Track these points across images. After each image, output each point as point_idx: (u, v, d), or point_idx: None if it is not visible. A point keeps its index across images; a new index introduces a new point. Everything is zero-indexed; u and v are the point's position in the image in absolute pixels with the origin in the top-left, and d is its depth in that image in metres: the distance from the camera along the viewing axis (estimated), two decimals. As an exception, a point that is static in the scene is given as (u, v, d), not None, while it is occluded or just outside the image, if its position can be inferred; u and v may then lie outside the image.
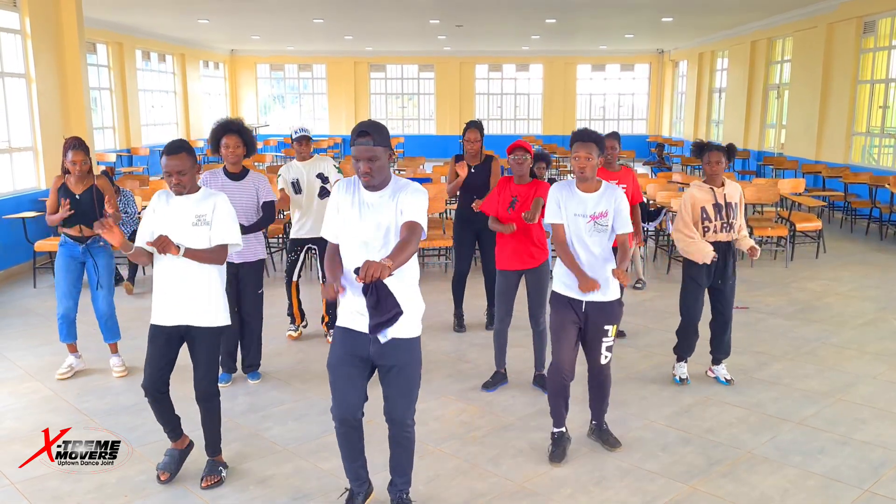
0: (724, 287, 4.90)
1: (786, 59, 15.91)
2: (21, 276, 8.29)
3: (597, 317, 3.85)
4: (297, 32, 18.78)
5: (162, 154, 3.48)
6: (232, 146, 4.72)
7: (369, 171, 2.92)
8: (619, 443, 4.11)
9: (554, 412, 4.00)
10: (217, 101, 23.37)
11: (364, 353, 3.09)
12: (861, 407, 4.72)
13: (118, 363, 5.19)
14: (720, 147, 4.74)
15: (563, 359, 3.86)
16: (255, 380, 5.09)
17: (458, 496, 3.62)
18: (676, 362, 5.12)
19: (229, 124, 4.75)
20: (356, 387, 3.12)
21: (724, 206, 4.76)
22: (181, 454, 3.79)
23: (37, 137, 9.37)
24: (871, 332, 6.29)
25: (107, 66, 16.31)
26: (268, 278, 8.25)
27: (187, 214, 3.51)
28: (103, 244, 5.09)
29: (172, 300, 3.54)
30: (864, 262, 9.07)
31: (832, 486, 3.72)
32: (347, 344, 3.11)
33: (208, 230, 3.53)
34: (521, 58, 24.53)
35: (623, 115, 25.45)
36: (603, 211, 3.77)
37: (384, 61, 24.65)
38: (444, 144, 23.27)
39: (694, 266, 4.83)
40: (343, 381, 3.12)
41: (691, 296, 4.92)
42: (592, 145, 3.71)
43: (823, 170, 12.38)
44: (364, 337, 3.04)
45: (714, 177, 4.77)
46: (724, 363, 5.13)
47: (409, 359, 3.13)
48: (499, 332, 4.97)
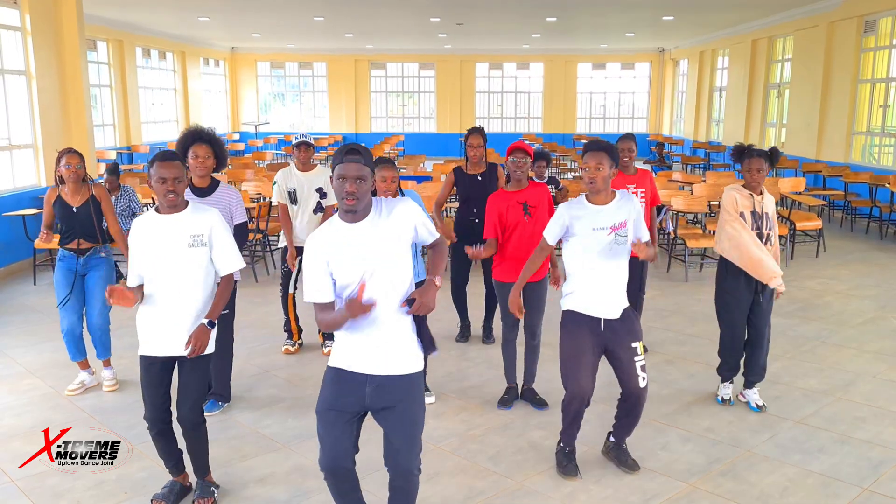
0: (761, 299, 4.53)
1: (786, 57, 15.90)
2: (21, 273, 8.30)
3: (620, 335, 3.59)
4: (297, 30, 18.76)
5: (152, 163, 3.22)
6: (202, 156, 4.22)
7: (354, 191, 2.64)
8: (637, 465, 3.86)
9: (568, 436, 3.81)
10: (217, 99, 23.36)
11: (359, 397, 2.79)
12: (860, 406, 4.72)
13: (110, 376, 5.03)
14: (762, 153, 4.35)
15: (585, 386, 3.59)
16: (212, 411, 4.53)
17: (457, 494, 3.62)
18: (721, 383, 4.77)
19: (200, 132, 4.26)
20: (347, 434, 2.82)
21: (761, 216, 4.43)
22: (181, 490, 3.57)
23: (37, 135, 9.37)
24: (871, 331, 6.29)
25: (107, 63, 16.30)
26: (267, 277, 8.25)
27: (181, 235, 3.25)
28: (104, 255, 4.94)
29: (165, 329, 3.30)
30: (864, 260, 9.07)
31: (832, 485, 3.73)
32: (341, 387, 2.81)
33: (207, 252, 3.31)
34: (521, 56, 24.51)
35: (623, 113, 25.42)
36: (622, 221, 3.53)
37: (385, 59, 24.63)
38: (445, 143, 23.27)
39: (729, 279, 4.49)
40: (332, 427, 2.80)
41: (727, 308, 4.56)
42: (603, 154, 3.47)
43: (824, 169, 12.37)
44: (359, 378, 2.79)
45: (755, 185, 4.41)
46: (756, 387, 4.72)
47: (411, 398, 2.82)
48: (506, 345, 4.72)
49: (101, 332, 4.96)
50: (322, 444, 2.84)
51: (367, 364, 2.79)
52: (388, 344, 2.78)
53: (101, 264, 4.92)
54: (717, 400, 4.77)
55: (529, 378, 4.76)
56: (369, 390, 2.79)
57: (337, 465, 2.83)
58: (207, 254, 3.32)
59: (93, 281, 4.87)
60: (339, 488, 2.90)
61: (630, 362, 3.60)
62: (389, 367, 2.78)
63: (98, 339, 4.97)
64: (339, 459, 2.82)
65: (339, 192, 2.69)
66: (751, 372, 4.68)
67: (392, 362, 2.78)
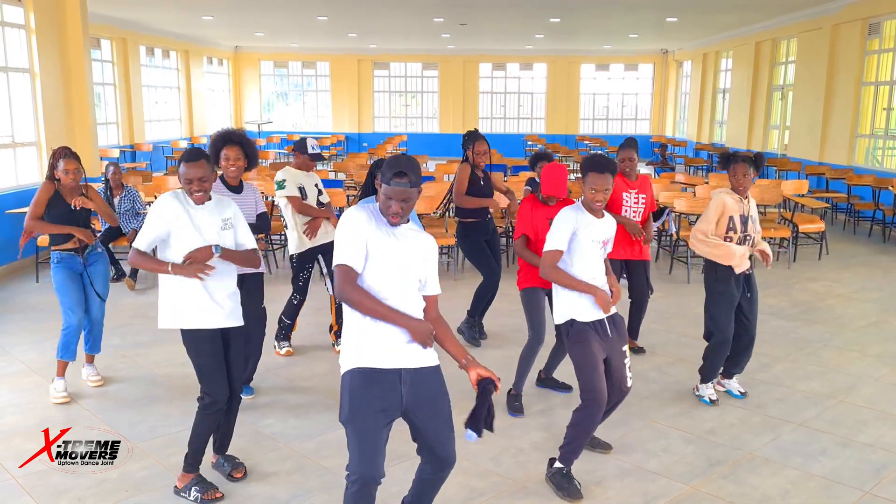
0: (751, 300, 4.66)
1: (790, 60, 15.89)
2: (23, 271, 8.30)
3: (615, 338, 3.68)
4: (300, 29, 18.78)
5: (179, 163, 3.46)
6: (233, 158, 4.43)
7: (400, 211, 2.73)
8: (609, 446, 4.08)
9: (571, 453, 3.67)
10: (221, 98, 23.38)
11: (395, 397, 2.75)
12: (862, 409, 4.71)
13: (94, 373, 5.03)
14: (746, 159, 4.49)
15: (603, 389, 3.58)
16: (249, 395, 4.80)
17: (458, 494, 3.62)
18: (701, 383, 4.80)
19: (231, 134, 4.49)
20: (384, 440, 2.75)
21: (747, 219, 4.58)
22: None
23: (40, 133, 9.38)
24: (874, 334, 6.28)
25: (111, 61, 16.33)
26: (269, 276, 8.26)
27: (215, 219, 3.49)
28: (100, 250, 4.98)
29: (211, 304, 3.46)
30: (867, 263, 9.06)
31: (833, 488, 3.72)
32: (375, 389, 2.72)
33: (234, 234, 3.57)
34: (524, 57, 24.51)
35: (626, 114, 25.42)
36: (607, 237, 3.69)
37: (388, 59, 24.65)
38: (448, 143, 23.22)
39: (722, 281, 4.55)
40: (370, 434, 2.69)
41: (724, 312, 4.58)
42: (609, 176, 3.53)
43: (827, 171, 12.35)
44: (392, 377, 2.74)
45: (742, 189, 4.53)
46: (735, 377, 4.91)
47: (445, 388, 2.89)
48: (531, 355, 4.60)
49: (98, 327, 5.01)
50: (361, 452, 2.69)
51: (399, 359, 2.77)
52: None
53: (99, 259, 4.97)
54: (705, 401, 4.76)
55: (550, 369, 4.93)
56: (405, 389, 2.76)
57: (377, 474, 2.71)
58: (234, 235, 3.57)
59: (92, 276, 4.88)
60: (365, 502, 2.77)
61: (622, 366, 3.69)
62: (422, 359, 2.81)
63: (94, 334, 5.00)
64: (379, 469, 2.72)
65: (384, 208, 2.76)
66: (735, 366, 4.82)
67: (423, 354, 2.82)
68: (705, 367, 4.75)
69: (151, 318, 3.67)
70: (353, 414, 2.71)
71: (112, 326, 5.87)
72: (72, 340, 4.77)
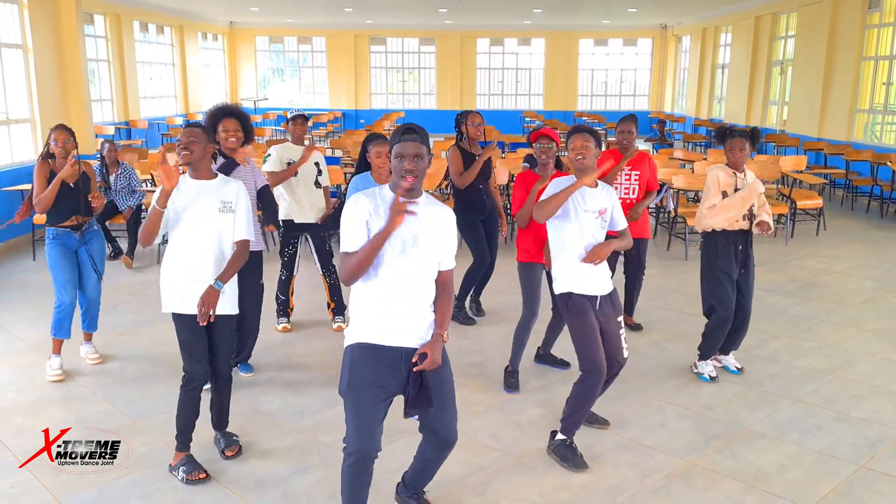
0: (747, 277, 4.67)
1: (790, 34, 15.76)
2: (20, 248, 8.28)
3: (610, 310, 3.73)
4: (296, 4, 18.56)
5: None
6: (231, 130, 4.46)
7: (413, 168, 2.64)
8: (607, 421, 4.12)
9: (573, 424, 3.71)
10: (216, 74, 23.18)
11: (396, 375, 2.74)
12: (858, 384, 4.74)
13: (92, 351, 5.04)
14: (742, 133, 4.49)
15: (602, 360, 3.62)
16: (248, 372, 4.85)
17: (457, 470, 3.64)
18: (700, 360, 4.82)
19: (228, 108, 4.53)
20: (382, 415, 2.76)
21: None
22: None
23: (34, 109, 9.31)
24: (870, 310, 6.30)
25: (104, 37, 16.14)
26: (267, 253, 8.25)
27: (212, 201, 3.44)
28: (96, 227, 4.96)
29: (198, 289, 3.41)
30: (865, 239, 9.07)
31: (829, 462, 3.75)
32: (378, 364, 2.73)
33: (233, 217, 3.48)
34: (522, 32, 24.29)
35: (625, 90, 25.26)
36: (604, 208, 3.68)
37: (385, 34, 24.41)
38: (445, 119, 22.95)
39: (723, 258, 4.57)
40: (370, 407, 2.70)
41: (724, 288, 4.58)
42: (587, 135, 3.61)
43: (825, 147, 12.31)
44: (394, 354, 2.74)
45: (738, 164, 4.54)
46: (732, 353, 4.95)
47: (448, 365, 2.86)
48: (525, 331, 4.59)
49: (95, 305, 5.00)
50: (358, 425, 2.71)
51: (402, 336, 2.75)
52: (421, 315, 2.79)
53: (96, 237, 4.96)
54: (704, 378, 4.77)
55: (547, 345, 4.97)
56: (406, 368, 2.75)
57: (372, 448, 2.72)
58: (233, 220, 3.50)
59: (89, 255, 4.87)
60: (361, 477, 2.80)
61: (617, 336, 3.74)
62: (425, 338, 2.78)
63: (91, 312, 5.00)
64: (375, 442, 2.73)
65: (397, 170, 2.68)
66: (733, 343, 4.86)
67: (426, 333, 2.79)
68: (705, 344, 4.77)
69: (149, 296, 3.67)
70: (352, 386, 2.73)
71: (110, 304, 5.87)
72: (65, 318, 4.75)
